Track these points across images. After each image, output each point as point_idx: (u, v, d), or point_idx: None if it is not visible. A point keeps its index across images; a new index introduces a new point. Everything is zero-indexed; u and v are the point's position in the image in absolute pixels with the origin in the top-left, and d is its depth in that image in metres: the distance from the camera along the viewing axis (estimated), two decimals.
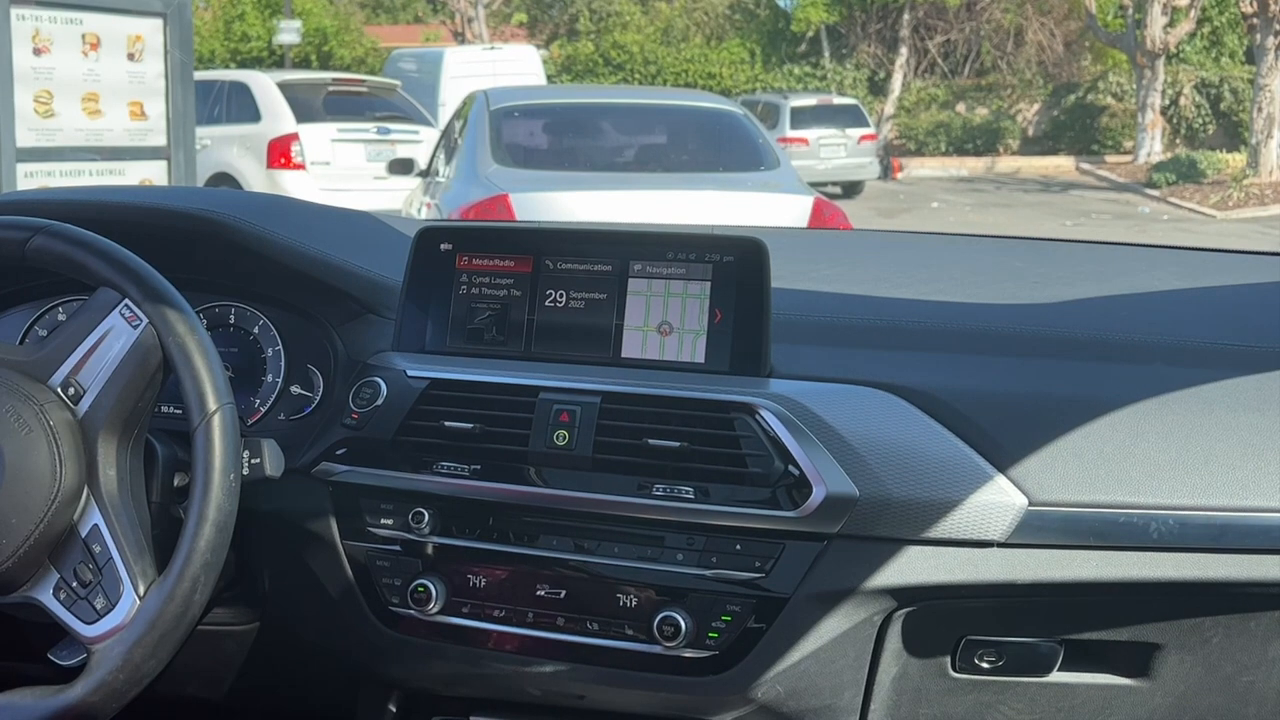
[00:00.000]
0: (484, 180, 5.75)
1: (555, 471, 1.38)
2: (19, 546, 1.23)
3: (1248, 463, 1.29)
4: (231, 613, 1.56)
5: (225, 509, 1.24)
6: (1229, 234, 14.70)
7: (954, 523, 1.28)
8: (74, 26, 5.70)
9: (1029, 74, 26.50)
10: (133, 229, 1.50)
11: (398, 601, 1.42)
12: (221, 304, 1.62)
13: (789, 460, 1.31)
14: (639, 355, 1.44)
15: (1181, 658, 1.36)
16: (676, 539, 1.34)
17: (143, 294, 1.28)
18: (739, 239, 1.42)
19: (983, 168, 23.56)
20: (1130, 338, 1.45)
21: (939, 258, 2.07)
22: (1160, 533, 1.27)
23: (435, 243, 1.52)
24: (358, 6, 32.14)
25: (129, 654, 1.21)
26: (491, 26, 28.13)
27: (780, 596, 1.31)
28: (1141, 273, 1.83)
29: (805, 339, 1.47)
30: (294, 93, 11.37)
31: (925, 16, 26.75)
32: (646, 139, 6.71)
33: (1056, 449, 1.30)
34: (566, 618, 1.37)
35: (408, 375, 1.45)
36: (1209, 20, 24.87)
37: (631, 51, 27.38)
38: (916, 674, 1.40)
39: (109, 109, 5.83)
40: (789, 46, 27.58)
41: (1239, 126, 22.83)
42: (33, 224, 1.33)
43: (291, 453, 1.44)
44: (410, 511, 1.41)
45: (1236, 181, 17.63)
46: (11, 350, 1.36)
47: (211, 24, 27.54)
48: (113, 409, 1.28)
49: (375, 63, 25.52)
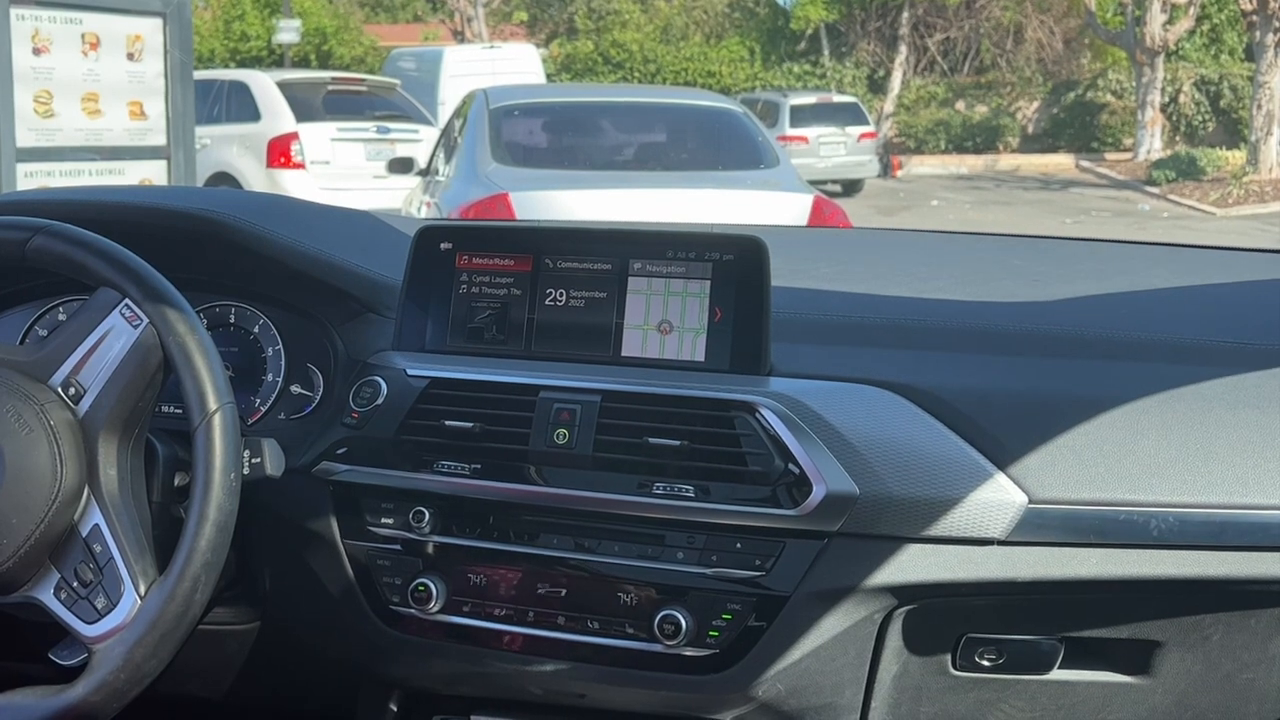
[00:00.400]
0: (484, 179, 5.75)
1: (555, 470, 1.38)
2: (20, 546, 1.23)
3: (1247, 460, 1.29)
4: (232, 612, 1.56)
5: (226, 508, 1.24)
6: (1229, 231, 14.69)
7: (954, 521, 1.29)
8: (73, 26, 5.69)
9: (1028, 71, 26.49)
10: (133, 229, 1.50)
11: (398, 601, 1.42)
12: (222, 304, 1.62)
13: (789, 459, 1.31)
14: (639, 354, 1.44)
15: (1182, 655, 1.36)
16: (677, 537, 1.34)
17: (143, 294, 1.28)
18: (739, 237, 1.42)
19: (982, 165, 23.53)
20: (1130, 335, 1.45)
21: (939, 256, 2.07)
22: (1160, 530, 1.27)
23: (435, 242, 1.52)
24: (357, 5, 32.12)
25: (130, 654, 1.21)
26: (491, 25, 28.11)
27: (781, 595, 1.31)
28: (1141, 270, 1.83)
29: (805, 337, 1.47)
30: (293, 92, 11.36)
31: (924, 14, 26.73)
32: (646, 137, 6.71)
33: (1056, 447, 1.30)
34: (567, 616, 1.37)
35: (408, 374, 1.45)
36: (1208, 17, 24.85)
37: (631, 50, 27.37)
38: (917, 672, 1.40)
39: (109, 109, 5.82)
40: (788, 44, 27.57)
41: (1238, 124, 22.81)
42: (33, 224, 1.33)
43: (292, 452, 1.44)
44: (411, 510, 1.41)
45: (1236, 179, 17.62)
46: (12, 350, 1.36)
47: (211, 23, 27.53)
48: (113, 409, 1.28)
49: (375, 62, 25.51)
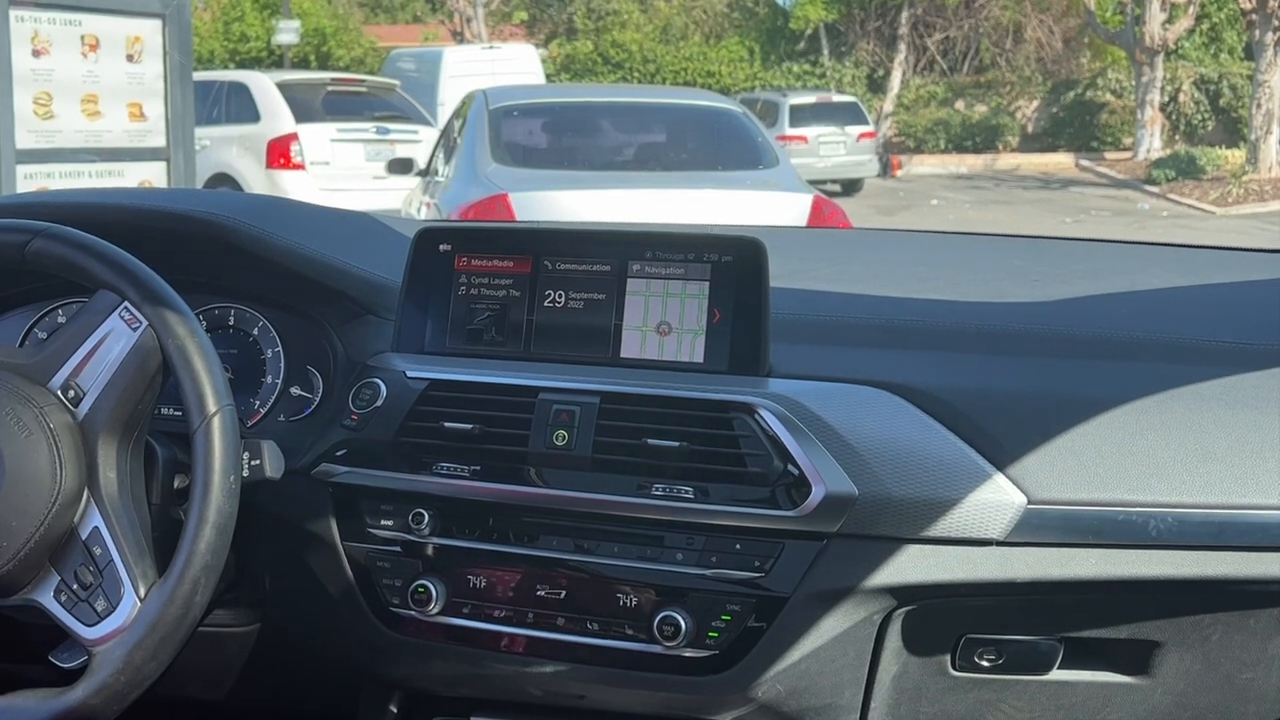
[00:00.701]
0: (483, 179, 5.75)
1: (555, 472, 1.38)
2: (20, 549, 1.23)
3: (1246, 460, 1.29)
4: (232, 614, 1.56)
5: (225, 511, 1.24)
6: (1228, 230, 14.69)
7: (953, 521, 1.29)
8: (73, 28, 5.69)
9: (1028, 71, 26.48)
10: (132, 231, 1.50)
11: (398, 602, 1.42)
12: (221, 306, 1.62)
13: (788, 459, 1.31)
14: (638, 355, 1.44)
15: (1181, 655, 1.36)
16: (676, 539, 1.35)
17: (142, 296, 1.28)
18: (737, 239, 1.42)
19: (982, 165, 23.52)
20: (1129, 335, 1.45)
21: (938, 256, 2.07)
22: (1159, 530, 1.27)
23: (434, 243, 1.52)
24: (356, 6, 32.11)
25: (130, 656, 1.21)
26: (490, 25, 28.09)
27: (780, 596, 1.31)
28: (1140, 270, 1.83)
29: (804, 338, 1.47)
30: (293, 93, 11.37)
31: (924, 14, 26.73)
32: (645, 138, 6.71)
33: (1055, 447, 1.30)
34: (567, 618, 1.37)
35: (407, 376, 1.45)
36: (1207, 16, 24.84)
37: (630, 50, 27.37)
38: (916, 672, 1.40)
39: (108, 110, 5.83)
40: (788, 44, 27.57)
41: (1238, 123, 22.81)
42: (32, 227, 1.33)
43: (291, 454, 1.44)
44: (410, 512, 1.41)
45: (1236, 178, 17.61)
46: (11, 353, 1.36)
47: (210, 24, 27.53)
48: (113, 411, 1.28)
49: (374, 62, 25.50)
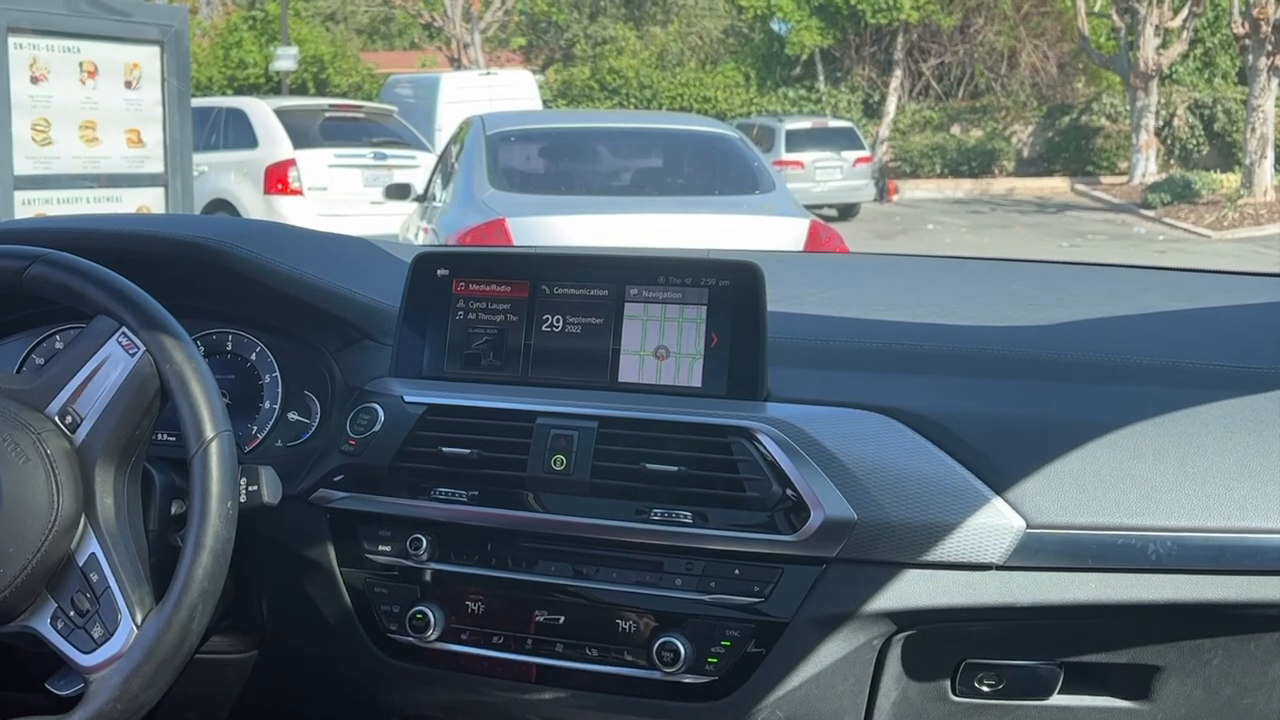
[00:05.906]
0: (481, 205, 5.76)
1: (553, 496, 1.38)
2: (16, 576, 1.23)
3: (1245, 483, 1.29)
4: (229, 641, 1.56)
5: (223, 537, 1.24)
6: (1224, 254, 14.72)
7: (952, 546, 1.28)
8: (71, 55, 5.72)
9: (1023, 96, 26.59)
10: (130, 257, 1.50)
11: (396, 628, 1.42)
12: (219, 331, 1.62)
13: (787, 484, 1.31)
14: (636, 379, 1.44)
15: (1181, 680, 1.36)
16: (675, 564, 1.34)
17: (140, 321, 1.28)
18: (735, 263, 1.43)
19: (978, 189, 23.58)
20: (1126, 359, 1.45)
21: (935, 280, 2.07)
22: (1158, 554, 1.27)
23: (432, 268, 1.52)
24: (354, 33, 32.26)
25: (126, 683, 1.21)
26: (487, 52, 28.19)
27: (779, 621, 1.31)
28: (1137, 294, 1.83)
29: (802, 362, 1.47)
30: (291, 119, 11.39)
31: (919, 39, 26.85)
32: (642, 163, 6.73)
33: (1054, 471, 1.30)
34: (565, 643, 1.37)
35: (405, 401, 1.45)
36: (1201, 41, 24.95)
37: (627, 76, 27.47)
38: (916, 698, 1.39)
39: (106, 136, 5.85)
40: (784, 70, 27.66)
41: (1233, 147, 22.88)
42: (30, 253, 1.33)
43: (289, 480, 1.43)
44: (408, 538, 1.41)
45: (1231, 201, 17.66)
46: (8, 379, 1.36)
47: (209, 51, 27.61)
48: (110, 437, 1.27)
49: (372, 89, 25.57)
